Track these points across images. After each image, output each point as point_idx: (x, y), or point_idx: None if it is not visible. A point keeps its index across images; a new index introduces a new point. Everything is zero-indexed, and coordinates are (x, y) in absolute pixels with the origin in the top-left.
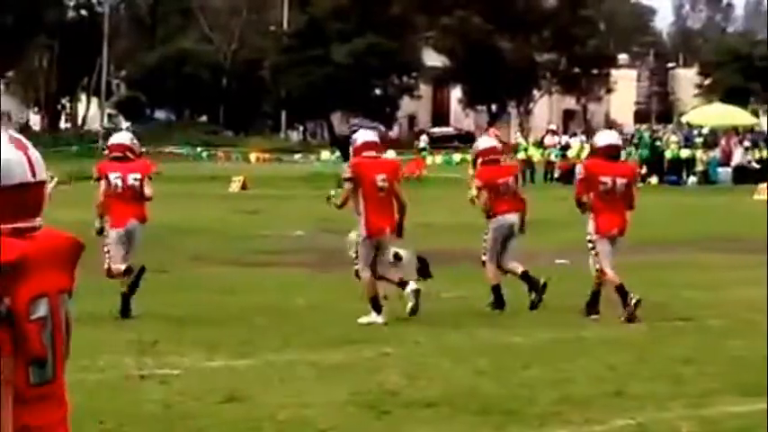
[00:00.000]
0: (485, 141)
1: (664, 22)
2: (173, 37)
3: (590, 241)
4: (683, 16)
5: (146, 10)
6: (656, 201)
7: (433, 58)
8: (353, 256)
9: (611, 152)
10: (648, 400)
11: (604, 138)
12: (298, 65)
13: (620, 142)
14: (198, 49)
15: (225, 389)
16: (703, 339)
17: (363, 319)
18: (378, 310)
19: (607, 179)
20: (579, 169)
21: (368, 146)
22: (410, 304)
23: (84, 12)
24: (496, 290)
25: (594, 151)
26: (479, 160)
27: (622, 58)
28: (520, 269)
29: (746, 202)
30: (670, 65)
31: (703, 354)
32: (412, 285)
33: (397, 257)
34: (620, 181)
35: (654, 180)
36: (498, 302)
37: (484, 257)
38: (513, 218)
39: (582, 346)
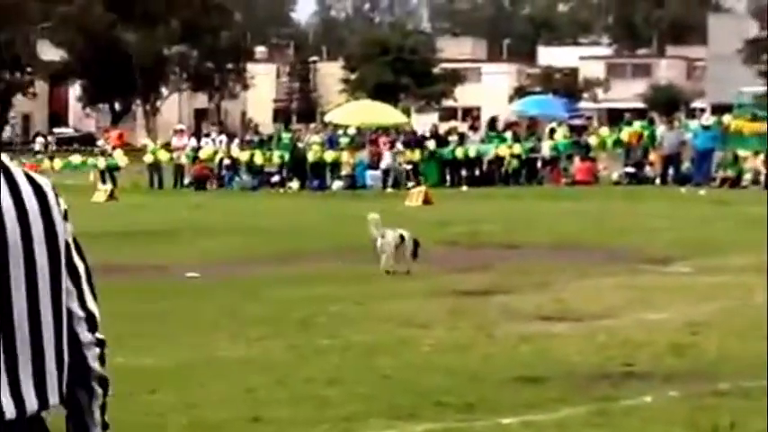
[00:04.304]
0: None
1: (305, 12)
2: None
3: None
4: (327, 5)
5: None
6: (299, 207)
7: (49, 52)
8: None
9: None
10: (288, 425)
11: None
12: None
13: None
14: None
15: None
16: (349, 358)
17: None
18: None
19: None
20: None
21: None
22: None
23: None
24: None
25: None
26: None
27: (260, 51)
28: None
29: (397, 207)
30: (312, 59)
31: (349, 373)
32: None
33: (402, 238)
34: None
35: (295, 185)
36: None
37: None
38: None
39: (216, 367)
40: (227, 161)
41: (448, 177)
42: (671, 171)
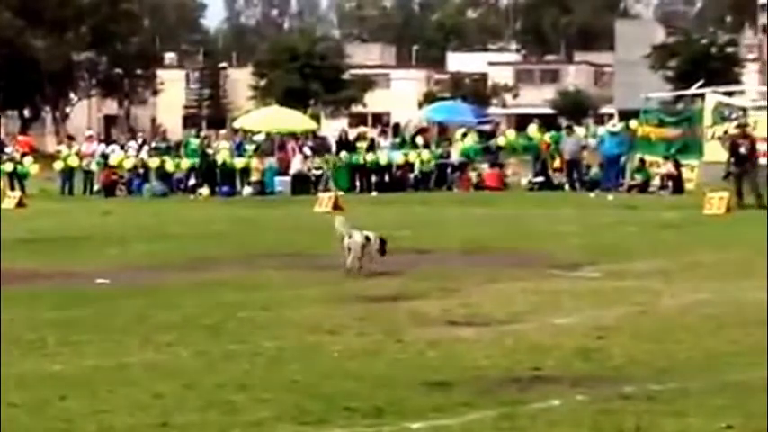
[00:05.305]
0: None
1: (215, 18)
2: None
3: None
4: (236, 12)
5: None
6: (209, 214)
7: None
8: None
9: None
10: (197, 430)
11: None
12: None
13: None
14: None
15: None
16: (258, 363)
17: None
18: None
19: None
20: None
21: None
22: None
23: None
24: None
25: None
26: None
27: (169, 57)
28: None
29: (306, 213)
30: (222, 65)
31: (258, 379)
32: None
33: (367, 239)
34: None
35: (205, 191)
36: None
37: None
38: None
39: (125, 373)
40: (140, 169)
41: (357, 183)
42: (576, 176)
